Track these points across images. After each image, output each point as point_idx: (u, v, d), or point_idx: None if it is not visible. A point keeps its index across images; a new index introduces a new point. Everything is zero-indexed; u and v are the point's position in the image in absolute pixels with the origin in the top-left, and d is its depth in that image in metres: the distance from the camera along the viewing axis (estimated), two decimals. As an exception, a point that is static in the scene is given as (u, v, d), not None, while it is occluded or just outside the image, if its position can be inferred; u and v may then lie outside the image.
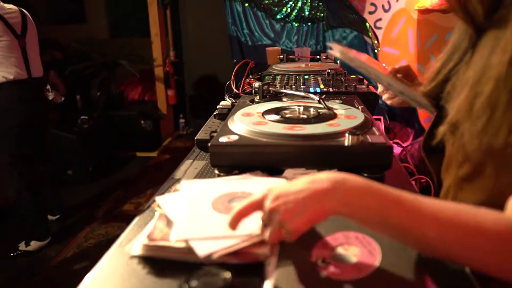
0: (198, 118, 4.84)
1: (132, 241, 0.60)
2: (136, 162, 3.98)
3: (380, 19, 3.31)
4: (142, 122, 4.07)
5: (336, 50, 0.74)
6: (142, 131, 4.11)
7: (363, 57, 0.80)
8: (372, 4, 3.37)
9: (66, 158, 3.45)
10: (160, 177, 0.84)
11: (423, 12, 2.74)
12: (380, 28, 3.31)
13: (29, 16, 2.39)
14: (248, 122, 0.88)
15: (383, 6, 3.25)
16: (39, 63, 2.42)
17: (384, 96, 0.96)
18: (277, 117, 0.93)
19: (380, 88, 1.04)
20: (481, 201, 0.56)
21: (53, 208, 2.80)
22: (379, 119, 1.47)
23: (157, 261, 0.54)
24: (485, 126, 0.50)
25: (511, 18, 0.52)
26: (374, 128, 0.85)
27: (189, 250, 0.54)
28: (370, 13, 3.40)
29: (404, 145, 2.49)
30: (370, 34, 3.37)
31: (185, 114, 4.93)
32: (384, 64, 0.85)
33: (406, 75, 0.87)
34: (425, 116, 2.81)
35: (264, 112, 0.97)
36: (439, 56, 0.73)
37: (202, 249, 0.52)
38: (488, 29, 0.56)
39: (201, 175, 0.86)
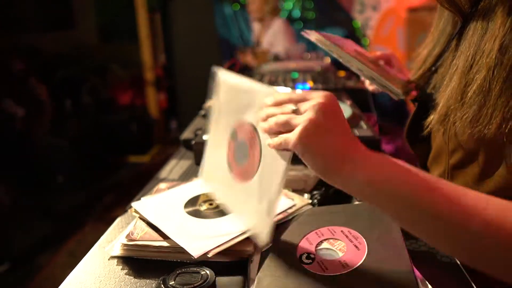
0: (190, 122, 4.82)
1: (112, 242, 0.58)
2: (127, 167, 3.94)
3: (369, 18, 3.33)
4: (133, 126, 4.05)
5: (311, 35, 0.72)
6: (134, 136, 4.08)
7: (344, 43, 0.79)
8: (361, 3, 3.38)
9: (56, 164, 3.41)
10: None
11: (412, 11, 2.77)
12: (369, 27, 3.33)
13: None
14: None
15: (371, 5, 3.27)
16: None
17: (366, 82, 0.94)
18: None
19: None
20: (472, 188, 0.55)
21: None
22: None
23: (137, 261, 0.52)
24: (477, 114, 0.49)
25: (496, 6, 0.51)
26: (362, 122, 0.84)
27: (168, 249, 0.52)
28: (359, 12, 3.41)
29: (397, 143, 2.48)
30: (359, 32, 3.38)
31: (177, 117, 4.90)
32: (363, 51, 0.83)
33: (388, 62, 0.85)
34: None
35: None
36: (425, 42, 0.72)
37: (194, 250, 0.50)
38: (474, 17, 0.55)
39: (186, 174, 0.84)
